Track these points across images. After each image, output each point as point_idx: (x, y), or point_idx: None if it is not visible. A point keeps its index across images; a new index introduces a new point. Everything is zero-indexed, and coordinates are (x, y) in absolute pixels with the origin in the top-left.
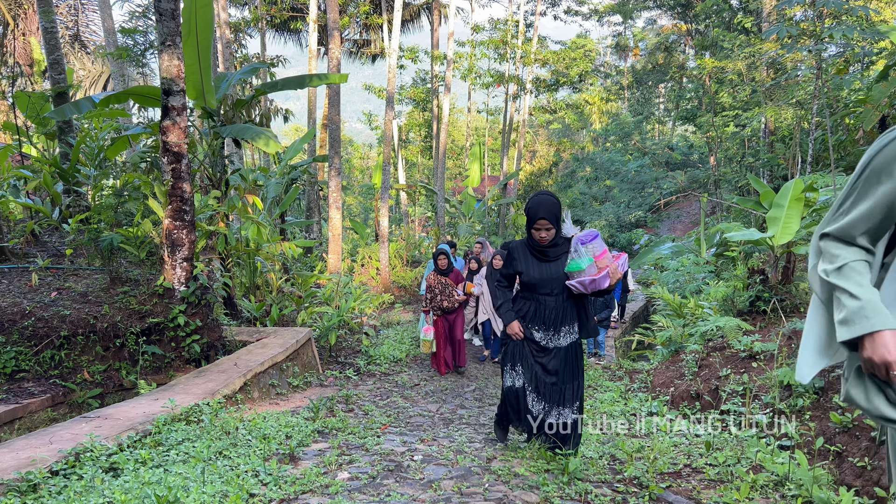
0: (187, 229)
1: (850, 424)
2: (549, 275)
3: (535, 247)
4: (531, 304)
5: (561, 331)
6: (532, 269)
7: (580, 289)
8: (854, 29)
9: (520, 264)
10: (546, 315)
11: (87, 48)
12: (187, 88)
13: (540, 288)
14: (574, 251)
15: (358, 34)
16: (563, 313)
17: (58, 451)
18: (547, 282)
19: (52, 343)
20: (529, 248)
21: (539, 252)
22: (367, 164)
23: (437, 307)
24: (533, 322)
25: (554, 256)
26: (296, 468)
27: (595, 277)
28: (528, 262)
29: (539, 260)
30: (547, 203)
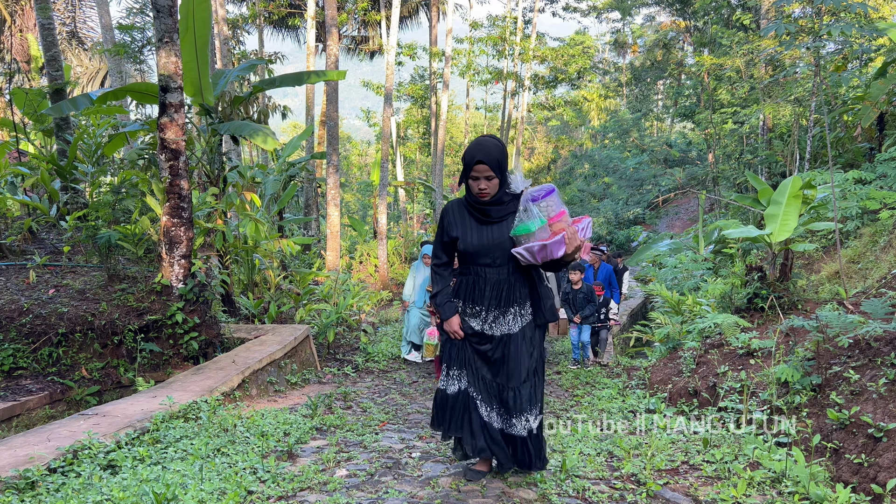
0: (185, 226)
1: (847, 421)
2: (491, 240)
3: (475, 204)
4: (469, 278)
5: (508, 312)
6: (470, 233)
7: (527, 258)
8: (852, 26)
9: (455, 228)
10: (487, 292)
11: (84, 45)
12: (185, 85)
13: (479, 257)
14: (523, 210)
15: (356, 31)
16: (509, 290)
17: (56, 449)
18: (488, 249)
19: (49, 340)
20: (468, 207)
21: (478, 211)
22: (365, 161)
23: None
24: (469, 302)
25: (497, 217)
26: (294, 465)
27: (546, 242)
28: (465, 225)
29: (479, 222)
30: (487, 145)
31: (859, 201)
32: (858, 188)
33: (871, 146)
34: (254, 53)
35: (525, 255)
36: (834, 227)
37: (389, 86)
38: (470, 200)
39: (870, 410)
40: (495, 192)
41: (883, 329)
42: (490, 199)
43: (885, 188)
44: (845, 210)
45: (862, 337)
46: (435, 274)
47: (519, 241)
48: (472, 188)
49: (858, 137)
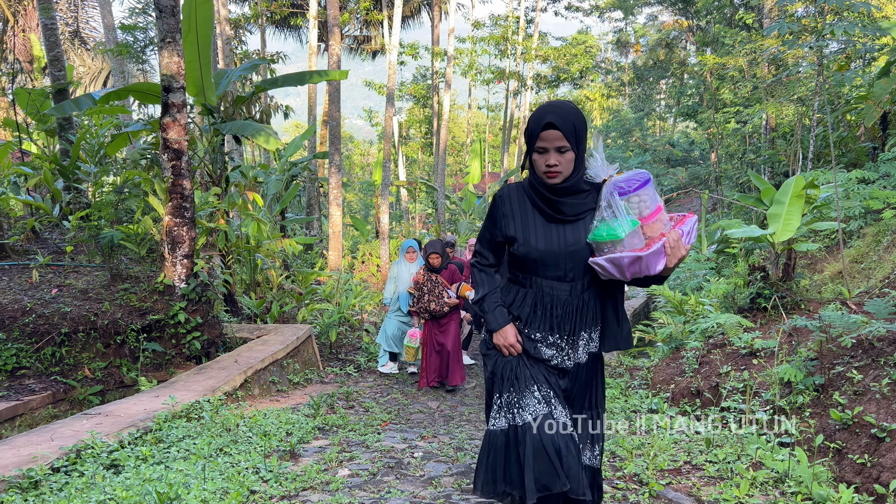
0: (188, 226)
1: (850, 422)
2: (564, 245)
3: (543, 191)
4: (529, 294)
5: (579, 340)
6: (535, 234)
7: (612, 272)
8: (855, 25)
9: (512, 224)
10: (555, 314)
11: (86, 45)
12: (187, 85)
13: (546, 268)
14: (606, 206)
15: (358, 30)
16: (582, 311)
17: (59, 448)
18: (559, 258)
19: (52, 340)
20: (531, 197)
21: (547, 203)
22: (367, 161)
23: (424, 308)
24: (534, 326)
25: (573, 214)
26: (296, 465)
27: (640, 254)
28: (527, 222)
29: (547, 218)
30: (561, 106)
31: (862, 201)
32: (861, 188)
33: (875, 146)
34: (256, 53)
35: (609, 269)
36: (837, 227)
37: (391, 85)
38: (536, 185)
39: (873, 410)
40: (570, 174)
41: (886, 329)
42: (562, 182)
43: (888, 188)
44: (848, 210)
45: (865, 337)
46: (479, 272)
47: (600, 248)
48: (538, 165)
49: (861, 137)
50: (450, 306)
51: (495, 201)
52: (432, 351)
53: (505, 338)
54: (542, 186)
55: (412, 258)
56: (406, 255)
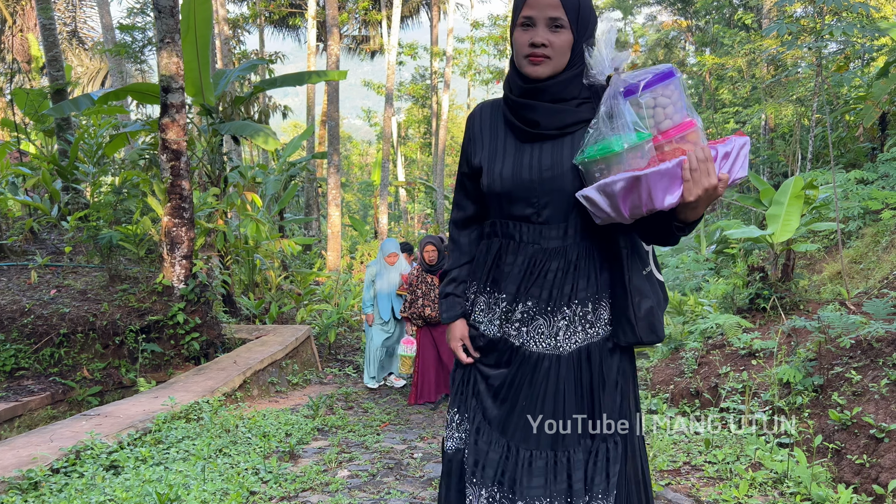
0: (186, 227)
1: (849, 422)
2: (537, 169)
3: (515, 88)
4: (493, 244)
5: (558, 318)
6: (501, 157)
7: (605, 209)
8: (854, 26)
9: (480, 149)
10: (516, 270)
11: (84, 45)
12: (186, 85)
13: (513, 204)
14: (605, 113)
15: (357, 30)
16: (567, 272)
17: (58, 449)
18: (529, 188)
19: (51, 341)
20: (506, 110)
21: (516, 108)
22: (366, 161)
23: (418, 313)
24: (490, 286)
25: (554, 126)
26: (296, 466)
27: (638, 173)
28: (495, 143)
29: (519, 136)
30: None
31: (861, 201)
32: (860, 188)
33: (874, 146)
34: (254, 53)
35: (600, 203)
36: (836, 228)
37: (390, 85)
38: (510, 86)
39: (871, 411)
40: (561, 68)
41: (885, 330)
42: (547, 77)
43: (887, 188)
44: (847, 210)
45: (864, 337)
46: (450, 235)
47: (591, 174)
48: (519, 46)
49: (860, 137)
50: None
51: (467, 123)
52: (428, 364)
53: (448, 339)
54: (517, 84)
55: (393, 261)
56: (386, 259)
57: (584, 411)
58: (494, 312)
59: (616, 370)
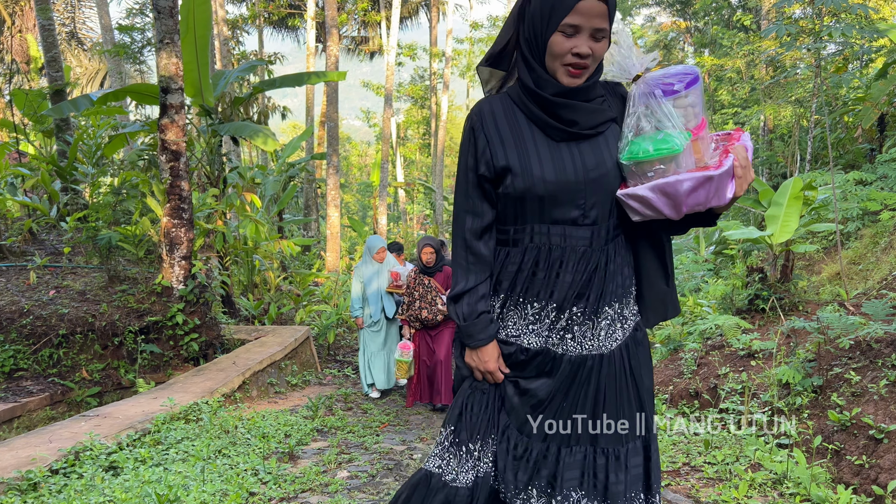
0: (185, 227)
1: (848, 423)
2: (583, 170)
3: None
4: (528, 251)
5: (601, 318)
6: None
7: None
8: (853, 27)
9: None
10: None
11: (83, 45)
12: (185, 86)
13: (557, 207)
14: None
15: (356, 31)
16: (607, 271)
17: (57, 450)
18: (576, 190)
19: (50, 342)
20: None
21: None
22: (365, 162)
23: (415, 316)
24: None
25: (589, 126)
26: (295, 467)
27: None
28: (522, 143)
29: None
30: None
31: (860, 202)
32: (859, 189)
33: (872, 147)
34: (253, 54)
35: (654, 202)
36: (835, 229)
37: (389, 86)
38: (533, 89)
39: (871, 412)
40: (593, 69)
41: (884, 330)
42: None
43: (885, 189)
44: (846, 211)
45: (863, 338)
46: (462, 253)
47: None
48: (558, 53)
49: (859, 138)
50: (444, 314)
51: (472, 123)
52: (424, 364)
53: (483, 361)
54: (549, 83)
55: (382, 258)
56: (375, 256)
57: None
58: (543, 323)
59: (643, 363)
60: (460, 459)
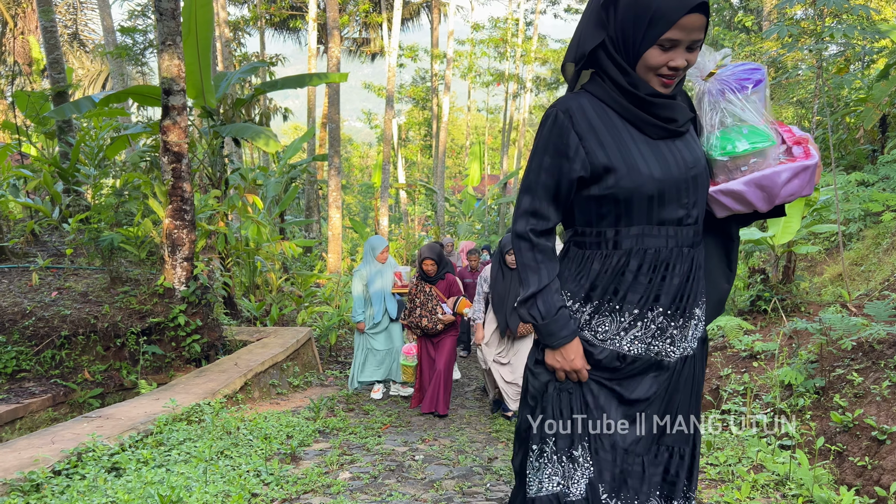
0: (187, 229)
1: (851, 424)
2: (685, 167)
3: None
4: (634, 257)
5: (693, 316)
6: (640, 155)
7: (752, 200)
8: (854, 28)
9: (601, 149)
10: (672, 281)
11: (85, 47)
12: (187, 88)
13: (664, 207)
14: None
15: (357, 32)
16: (700, 269)
17: (60, 451)
18: (681, 188)
19: (52, 343)
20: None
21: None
22: (366, 163)
23: (416, 324)
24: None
25: (684, 121)
26: (297, 468)
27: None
28: (622, 141)
29: (651, 133)
30: None
31: (862, 203)
32: (861, 190)
33: (874, 148)
34: (255, 55)
35: (749, 195)
36: (837, 230)
37: (391, 88)
38: (626, 90)
39: (873, 413)
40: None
41: (886, 332)
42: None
43: (887, 190)
44: (848, 212)
45: (865, 339)
46: (529, 250)
47: (736, 166)
48: (654, 65)
49: (861, 139)
50: (444, 324)
51: (560, 120)
52: (427, 374)
53: (568, 360)
54: (643, 84)
55: (384, 258)
56: (378, 257)
57: (691, 408)
58: (645, 329)
59: (704, 363)
60: (569, 469)
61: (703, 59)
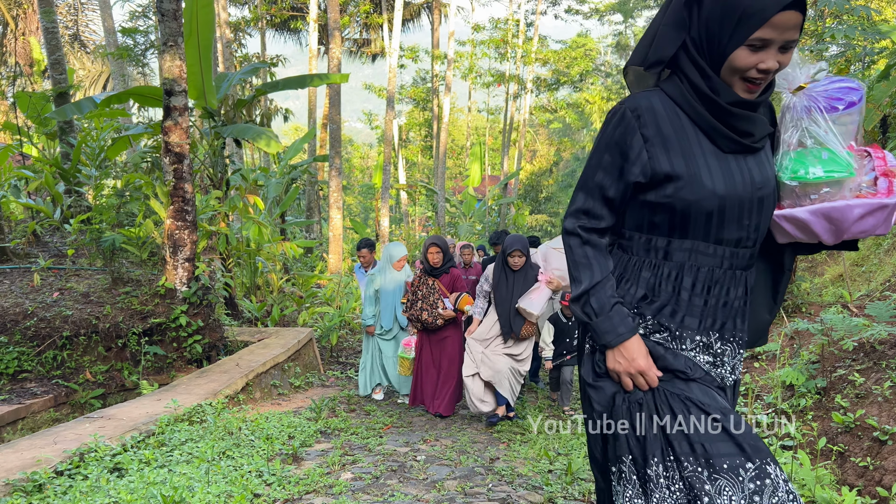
0: (189, 229)
1: (853, 424)
2: (751, 186)
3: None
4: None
5: (742, 341)
6: (706, 167)
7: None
8: (855, 28)
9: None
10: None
11: (86, 48)
12: (188, 88)
13: (725, 225)
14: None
15: (358, 33)
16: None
17: (62, 452)
18: (744, 207)
19: (54, 343)
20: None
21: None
22: (367, 164)
23: (416, 317)
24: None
25: (760, 136)
26: (299, 468)
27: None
28: (689, 149)
29: (722, 145)
30: None
31: None
32: None
33: None
34: (256, 56)
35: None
36: None
37: (391, 89)
38: (707, 93)
39: (875, 413)
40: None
41: (887, 332)
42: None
43: None
44: None
45: (866, 340)
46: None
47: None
48: (742, 68)
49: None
50: (444, 319)
51: (627, 119)
52: (429, 366)
53: (631, 359)
54: (725, 90)
55: (401, 267)
56: (394, 265)
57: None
58: (700, 356)
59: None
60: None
61: (794, 70)
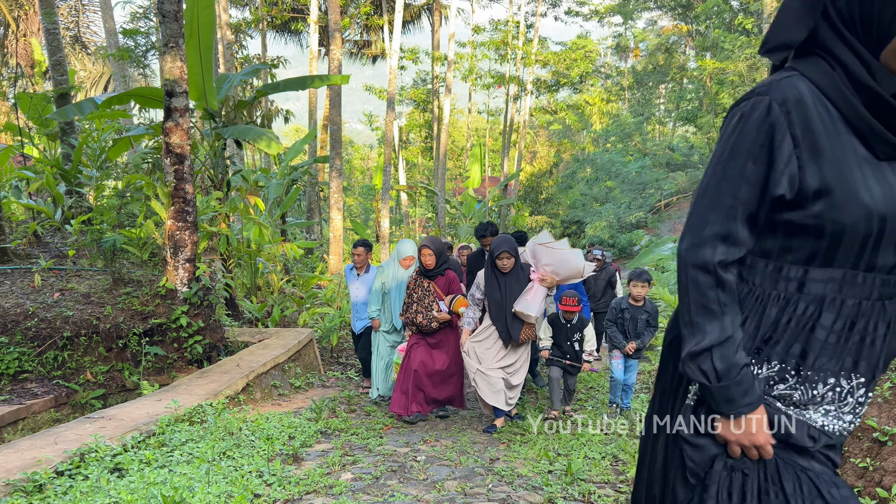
0: (190, 230)
1: None
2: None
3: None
4: (831, 309)
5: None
6: (862, 179)
7: None
8: None
9: (814, 163)
10: (880, 341)
11: (87, 49)
12: (189, 90)
13: (881, 250)
14: None
15: (358, 35)
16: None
17: (63, 452)
18: None
19: (54, 344)
20: (846, 107)
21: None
22: (367, 165)
23: (411, 320)
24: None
25: None
26: (299, 469)
27: None
28: (842, 157)
29: (879, 152)
30: None
31: None
32: None
33: None
34: (257, 58)
35: None
36: None
37: (392, 90)
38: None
39: (874, 414)
40: None
41: None
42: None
43: None
44: None
45: None
46: (709, 293)
47: None
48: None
49: None
50: (439, 322)
51: (774, 114)
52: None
53: (751, 434)
54: (886, 87)
55: (408, 265)
56: (402, 262)
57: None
58: (842, 403)
59: None
60: None
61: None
